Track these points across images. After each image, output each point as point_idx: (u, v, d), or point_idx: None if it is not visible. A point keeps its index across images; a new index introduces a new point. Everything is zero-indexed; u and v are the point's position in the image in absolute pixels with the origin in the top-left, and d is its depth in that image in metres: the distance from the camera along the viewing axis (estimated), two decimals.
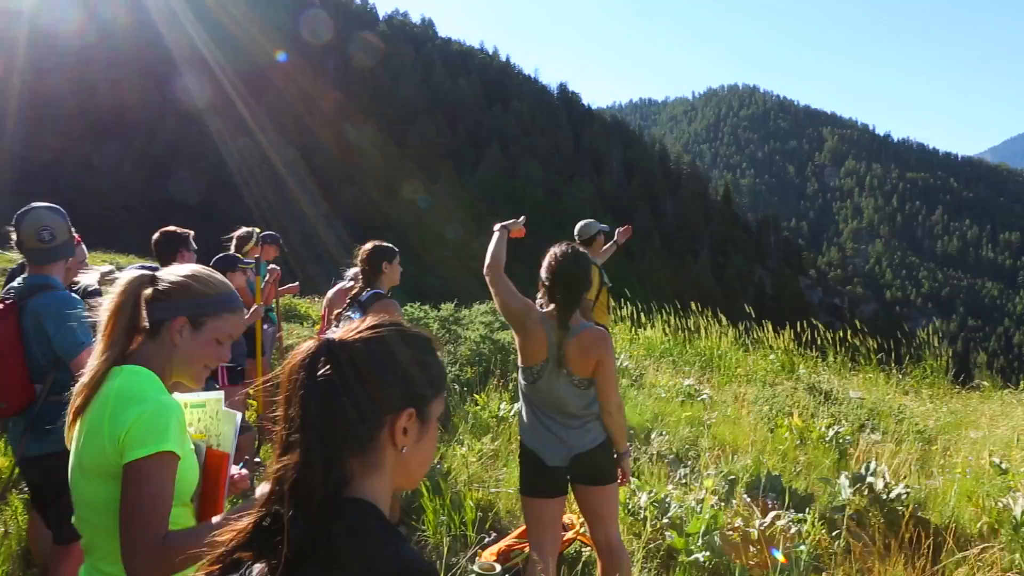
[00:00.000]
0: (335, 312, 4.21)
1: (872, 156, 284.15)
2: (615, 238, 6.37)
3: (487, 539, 3.84)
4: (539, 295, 3.13)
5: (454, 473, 4.98)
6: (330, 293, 5.23)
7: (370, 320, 1.12)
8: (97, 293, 2.55)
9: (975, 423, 7.53)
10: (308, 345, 1.07)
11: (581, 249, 3.09)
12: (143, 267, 2.64)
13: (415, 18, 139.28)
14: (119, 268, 2.64)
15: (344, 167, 79.85)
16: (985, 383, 10.32)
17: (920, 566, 3.73)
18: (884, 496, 4.49)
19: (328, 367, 1.04)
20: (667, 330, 11.15)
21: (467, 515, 4.19)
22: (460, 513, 4.21)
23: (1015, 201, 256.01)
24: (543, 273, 3.03)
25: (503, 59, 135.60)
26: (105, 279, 2.51)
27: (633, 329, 11.27)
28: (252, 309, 5.03)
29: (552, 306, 3.02)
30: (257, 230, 5.79)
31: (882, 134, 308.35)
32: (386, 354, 1.08)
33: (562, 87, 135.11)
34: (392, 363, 1.08)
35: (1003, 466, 5.19)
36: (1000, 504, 4.51)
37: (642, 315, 11.75)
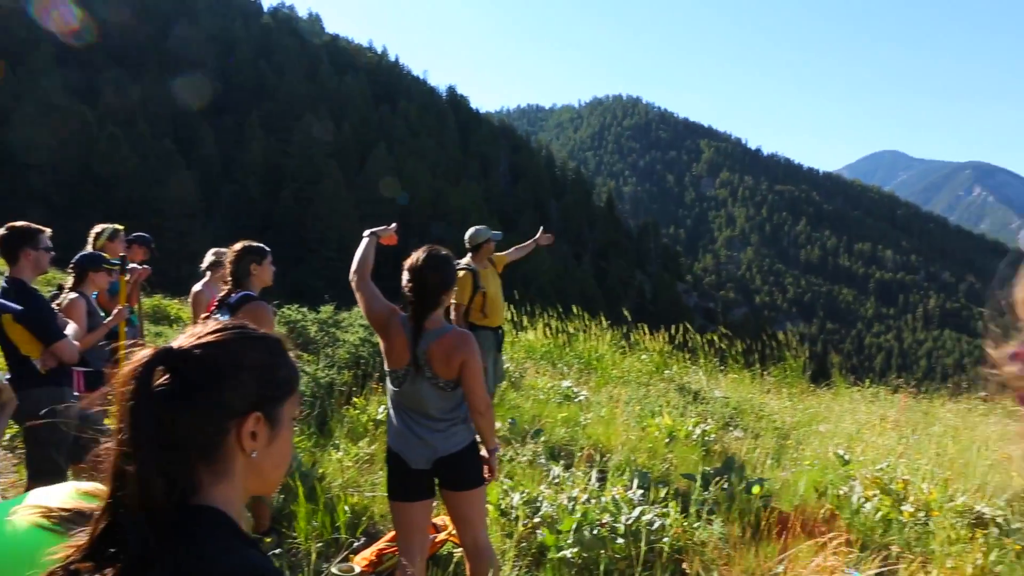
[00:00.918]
0: (201, 316, 4.07)
1: (744, 168, 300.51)
2: (536, 237, 6.67)
3: (356, 544, 3.81)
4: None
5: (328, 478, 4.91)
6: (195, 288, 5.02)
7: (212, 325, 1.12)
8: None
9: (826, 418, 8.13)
10: (142, 354, 1.05)
11: (443, 252, 3.11)
12: None
13: (302, 12, 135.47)
14: None
15: (225, 162, 76.58)
16: (837, 381, 11.15)
17: (768, 552, 4.01)
18: (740, 489, 4.78)
19: (166, 377, 1.03)
20: (548, 333, 11.39)
21: (340, 520, 4.15)
22: (333, 518, 4.16)
23: (867, 214, 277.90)
24: (406, 279, 3.05)
25: (392, 59, 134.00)
26: None
27: (514, 332, 11.43)
28: (116, 311, 4.77)
29: (415, 310, 3.04)
30: (118, 227, 5.48)
31: (753, 148, 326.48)
32: (228, 359, 1.07)
33: (451, 90, 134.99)
34: (235, 368, 1.08)
35: (846, 457, 5.65)
36: (841, 492, 4.90)
37: (524, 318, 11.95)
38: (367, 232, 3.41)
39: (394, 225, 3.56)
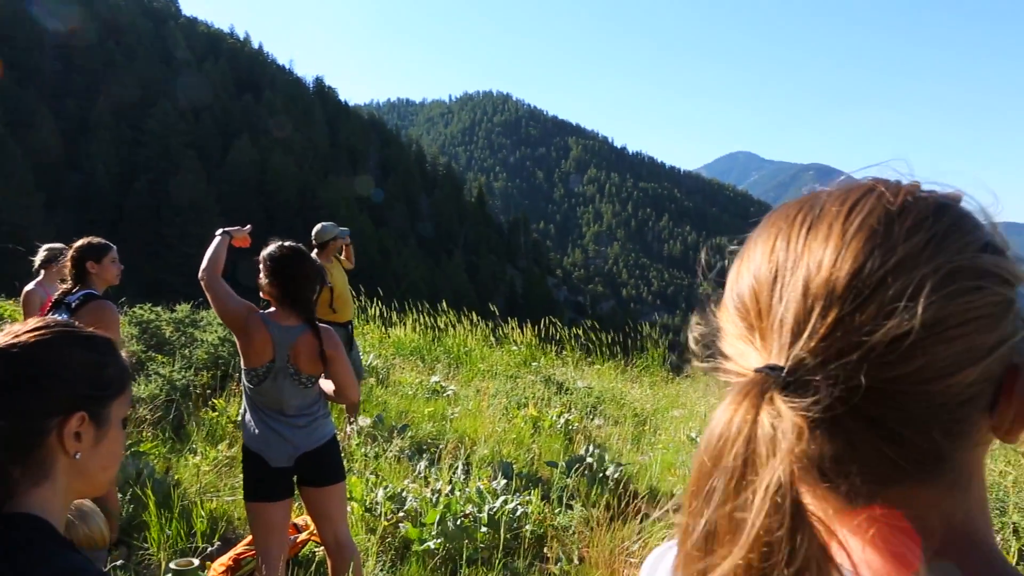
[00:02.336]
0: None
1: (611, 166, 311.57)
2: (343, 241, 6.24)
3: (211, 549, 3.69)
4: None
5: (184, 484, 4.71)
6: (27, 288, 4.67)
7: (33, 323, 1.08)
8: None
9: (682, 404, 8.60)
10: None
11: (300, 248, 3.10)
12: None
13: None
14: None
15: (68, 150, 70.81)
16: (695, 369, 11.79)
17: (626, 532, 4.22)
18: (599, 474, 5.00)
19: None
20: (417, 328, 11.37)
21: (197, 527, 4.00)
22: (189, 526, 4.00)
23: (723, 211, 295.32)
24: (267, 275, 3.00)
25: (255, 46, 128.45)
26: None
27: (383, 328, 11.34)
28: None
29: (278, 306, 3.00)
30: None
31: (619, 146, 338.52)
32: (48, 357, 1.04)
33: (318, 81, 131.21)
34: (55, 366, 1.05)
35: (697, 439, 6.01)
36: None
37: (394, 314, 11.86)
38: (220, 231, 3.34)
39: (248, 227, 3.49)
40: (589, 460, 5.12)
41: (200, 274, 3.10)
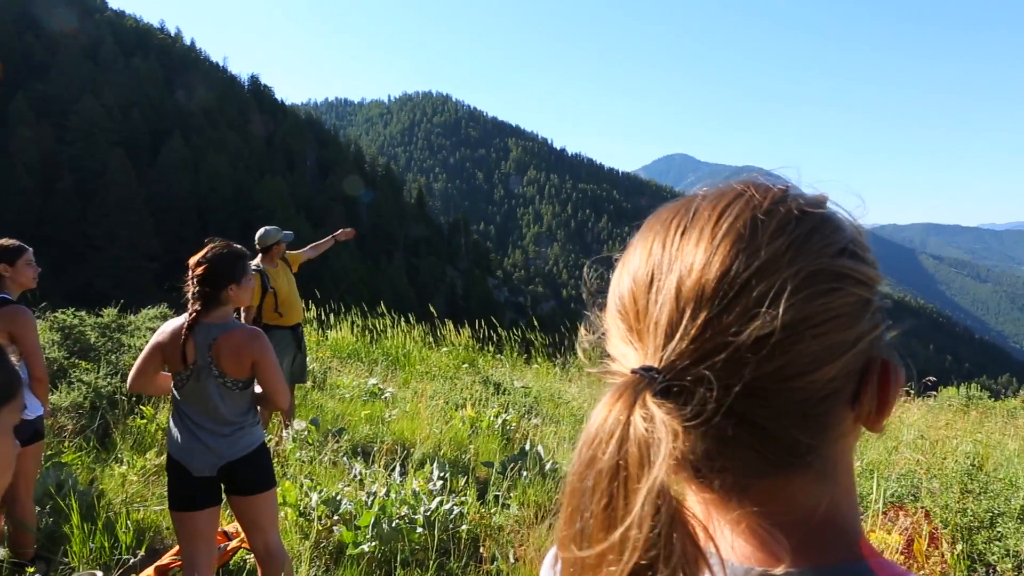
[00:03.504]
0: None
1: (551, 167, 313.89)
2: (336, 233, 6.82)
3: (134, 560, 3.58)
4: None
5: (109, 495, 4.56)
6: None
7: None
8: None
9: None
10: None
11: (235, 247, 3.03)
12: None
13: None
14: None
15: None
16: None
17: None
18: (536, 472, 5.04)
19: None
20: (355, 331, 11.26)
21: (122, 539, 3.88)
22: (114, 538, 3.88)
23: None
24: (190, 275, 2.93)
25: (187, 42, 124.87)
26: None
27: (321, 331, 11.19)
28: None
29: (199, 306, 2.91)
30: None
31: (559, 148, 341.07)
32: None
33: (254, 79, 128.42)
34: None
35: None
36: None
37: (332, 316, 11.72)
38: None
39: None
40: (526, 459, 5.16)
41: (131, 380, 2.99)
